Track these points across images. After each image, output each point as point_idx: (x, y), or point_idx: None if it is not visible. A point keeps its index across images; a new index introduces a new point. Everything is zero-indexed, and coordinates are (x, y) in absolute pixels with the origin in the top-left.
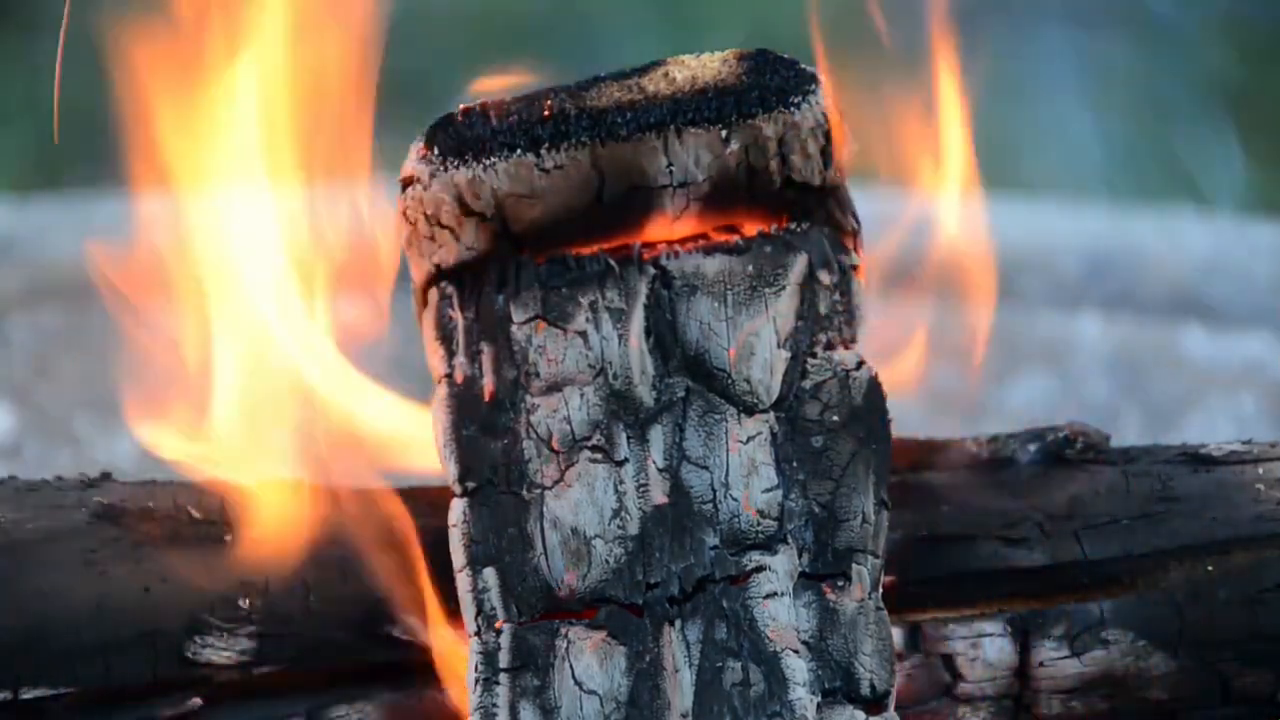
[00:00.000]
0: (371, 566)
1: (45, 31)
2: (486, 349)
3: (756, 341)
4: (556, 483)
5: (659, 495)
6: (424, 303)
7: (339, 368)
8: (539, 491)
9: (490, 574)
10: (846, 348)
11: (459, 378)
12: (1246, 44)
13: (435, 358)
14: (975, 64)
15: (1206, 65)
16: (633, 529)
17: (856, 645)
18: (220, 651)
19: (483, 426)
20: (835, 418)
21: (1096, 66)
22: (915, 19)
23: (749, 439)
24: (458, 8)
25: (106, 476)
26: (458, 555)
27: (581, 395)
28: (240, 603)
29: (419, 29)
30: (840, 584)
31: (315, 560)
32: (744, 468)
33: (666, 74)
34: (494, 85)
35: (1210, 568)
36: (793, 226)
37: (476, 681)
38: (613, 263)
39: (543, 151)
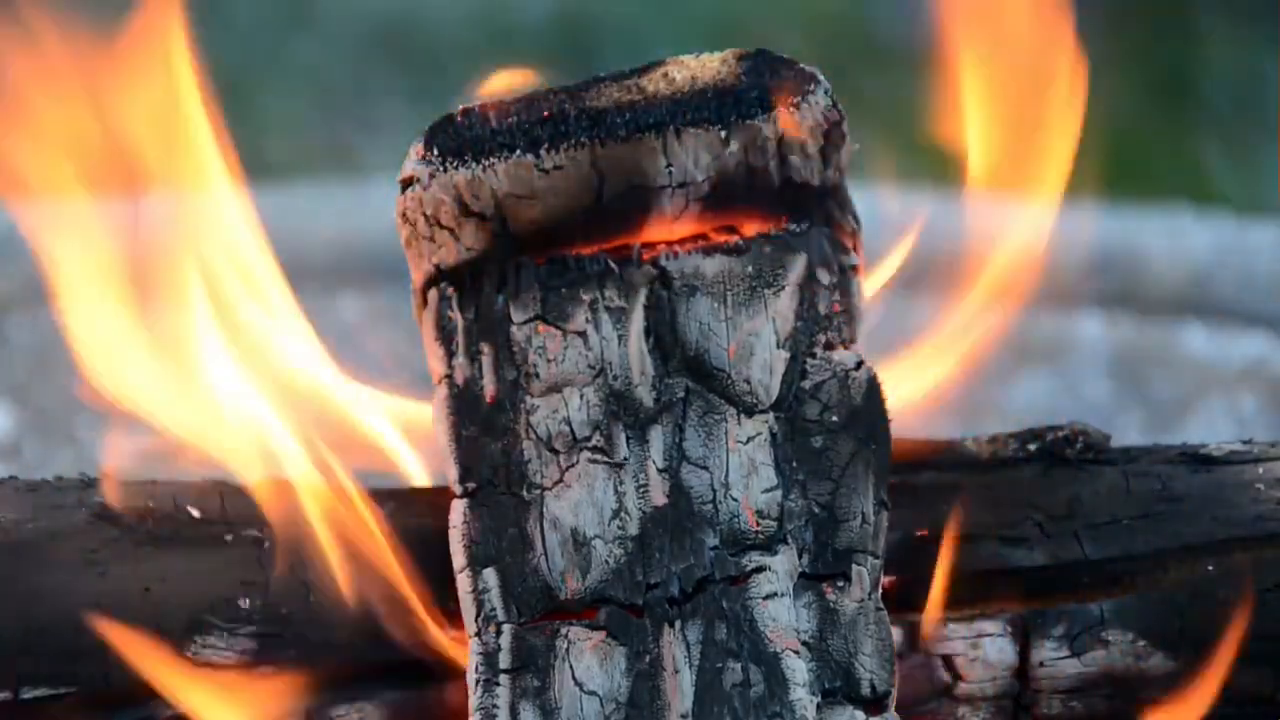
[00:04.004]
0: (372, 566)
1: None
2: (486, 349)
3: (756, 342)
4: (556, 483)
5: (659, 496)
6: (424, 303)
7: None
8: (539, 492)
9: (490, 574)
10: (846, 348)
11: (459, 378)
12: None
13: (435, 358)
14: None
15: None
16: (633, 529)
17: (856, 645)
18: (220, 651)
19: (483, 427)
20: (835, 418)
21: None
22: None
23: (749, 439)
24: (457, 8)
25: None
26: (458, 556)
27: (581, 396)
28: (240, 603)
29: (418, 29)
30: (840, 584)
31: (315, 560)
32: (744, 468)
33: (666, 74)
34: (494, 86)
35: (1210, 568)
36: (792, 227)
37: (477, 682)
38: (612, 263)
39: (542, 152)
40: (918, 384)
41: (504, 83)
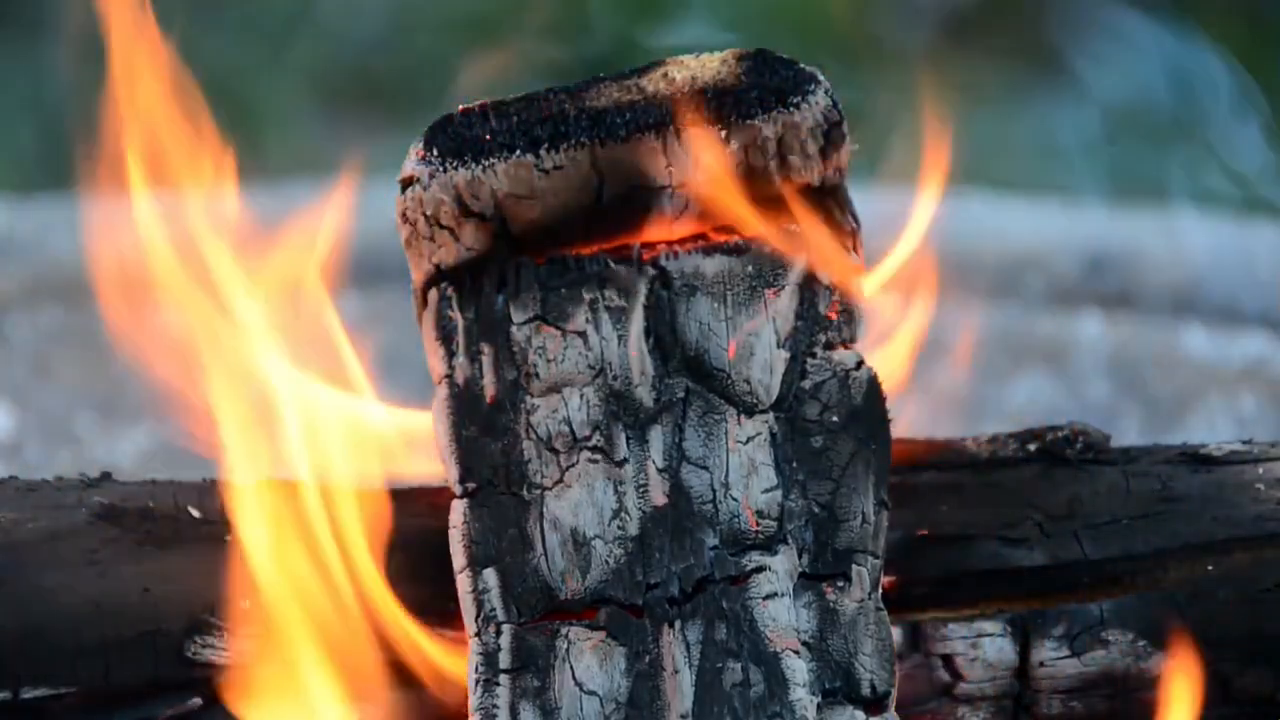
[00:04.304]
0: (371, 567)
1: (46, 32)
2: (486, 350)
3: (756, 342)
4: (556, 483)
5: (659, 496)
6: (424, 303)
7: (341, 366)
8: (539, 492)
9: (490, 575)
10: (846, 348)
11: (459, 379)
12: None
13: (435, 358)
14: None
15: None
16: (633, 529)
17: (856, 645)
18: (220, 651)
19: (483, 427)
20: (835, 418)
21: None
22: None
23: (749, 439)
24: (457, 9)
25: (106, 476)
26: (458, 556)
27: (581, 396)
28: (240, 603)
29: (418, 30)
30: (840, 584)
31: (315, 560)
32: (744, 468)
33: (665, 74)
34: (493, 86)
35: (1210, 568)
36: (792, 227)
37: (477, 682)
38: (612, 263)
39: (542, 152)
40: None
41: (500, 84)
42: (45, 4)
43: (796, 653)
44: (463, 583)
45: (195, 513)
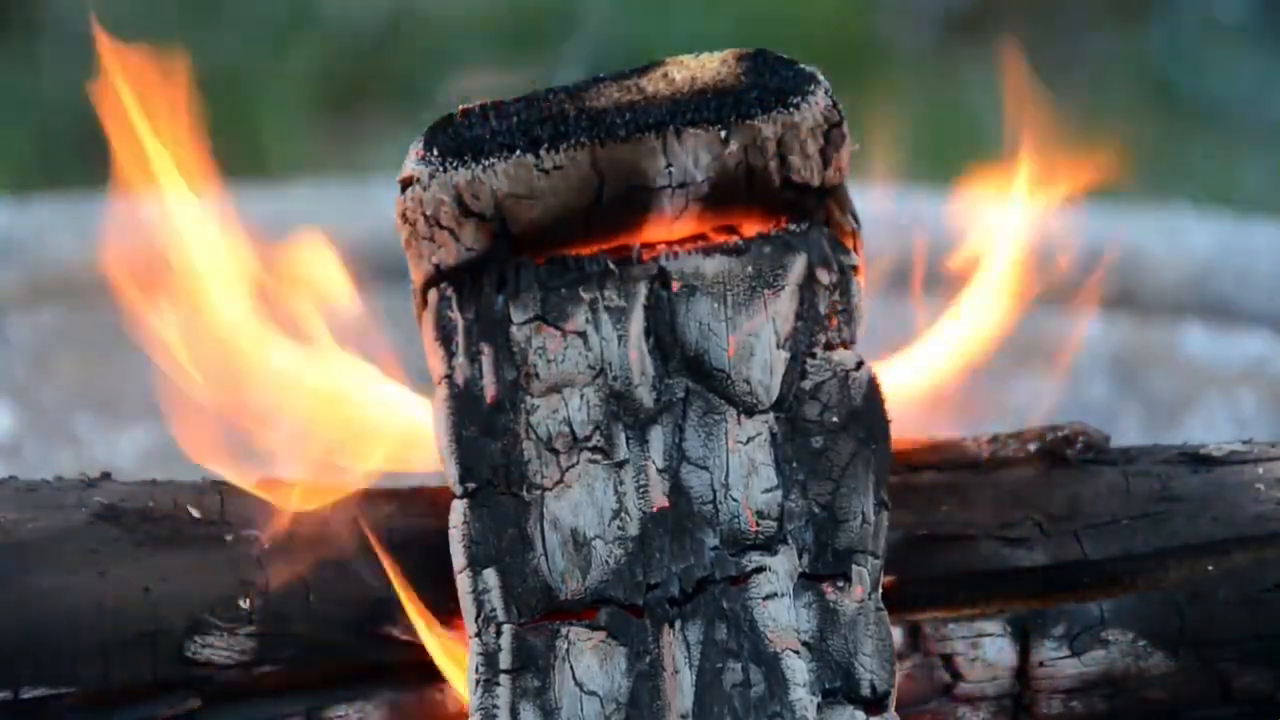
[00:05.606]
0: (371, 566)
1: (45, 32)
2: (486, 350)
3: (756, 342)
4: (556, 483)
5: (659, 496)
6: (424, 304)
7: (340, 364)
8: (539, 492)
9: (491, 575)
10: (846, 348)
11: (459, 379)
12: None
13: (435, 359)
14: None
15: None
16: (633, 530)
17: (856, 645)
18: (220, 651)
19: (483, 427)
20: (835, 418)
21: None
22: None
23: (749, 439)
24: (457, 9)
25: (106, 476)
26: (458, 556)
27: (581, 396)
28: (240, 603)
29: (419, 30)
30: (840, 584)
31: (315, 560)
32: (744, 468)
33: (665, 74)
34: (493, 86)
35: (1210, 568)
36: (792, 227)
37: (477, 683)
38: (612, 263)
39: (542, 152)
40: (919, 382)
41: (503, 82)
42: (43, 4)
43: (796, 653)
44: (463, 583)
45: (195, 513)
